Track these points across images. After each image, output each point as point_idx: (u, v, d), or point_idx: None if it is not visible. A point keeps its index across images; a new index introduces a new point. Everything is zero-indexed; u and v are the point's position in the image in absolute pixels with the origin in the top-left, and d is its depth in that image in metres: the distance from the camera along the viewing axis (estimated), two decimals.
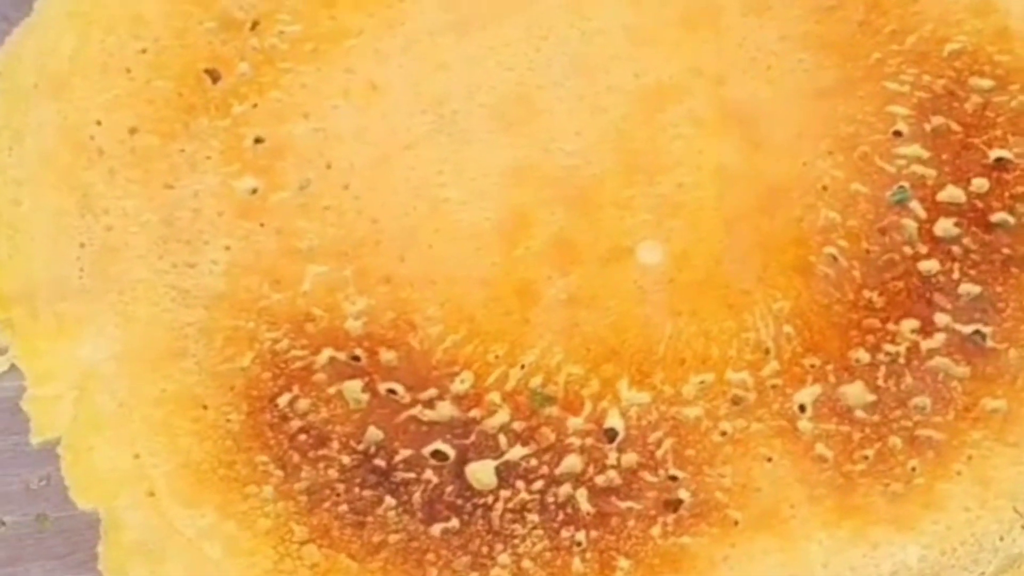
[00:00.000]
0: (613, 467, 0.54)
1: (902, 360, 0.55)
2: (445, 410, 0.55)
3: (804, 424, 0.54)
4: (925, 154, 0.58)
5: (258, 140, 0.59)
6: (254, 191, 0.58)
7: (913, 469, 0.53)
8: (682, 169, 0.58)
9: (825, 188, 0.58)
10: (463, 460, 0.54)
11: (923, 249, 0.57)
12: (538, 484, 0.53)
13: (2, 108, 0.59)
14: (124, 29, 0.61)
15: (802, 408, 0.54)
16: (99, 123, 0.59)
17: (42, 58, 0.60)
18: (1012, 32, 0.60)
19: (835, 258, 0.56)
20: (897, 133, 0.58)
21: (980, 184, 0.58)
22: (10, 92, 0.60)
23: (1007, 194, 0.57)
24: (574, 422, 0.55)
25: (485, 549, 0.52)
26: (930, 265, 0.56)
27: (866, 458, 0.53)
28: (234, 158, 0.59)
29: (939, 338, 0.55)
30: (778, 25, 0.60)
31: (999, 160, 0.58)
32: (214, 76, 0.60)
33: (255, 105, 0.60)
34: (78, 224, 0.58)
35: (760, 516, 0.53)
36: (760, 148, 0.58)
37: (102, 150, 0.59)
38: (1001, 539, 0.52)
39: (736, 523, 0.53)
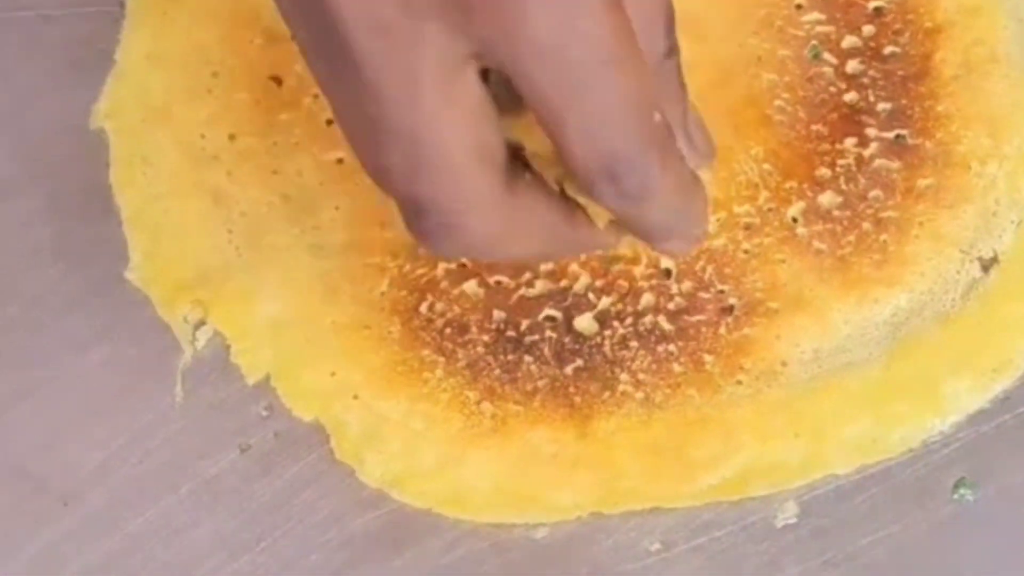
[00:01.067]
0: (677, 294, 0.70)
1: (853, 167, 0.71)
2: (542, 285, 0.70)
3: (800, 230, 0.71)
4: (823, 17, 0.74)
5: (329, 121, 0.72)
6: (340, 160, 0.72)
7: (884, 241, 0.70)
8: None
9: (760, 59, 0.74)
10: (569, 317, 0.70)
11: (843, 86, 0.73)
12: (628, 320, 0.70)
13: (122, 144, 0.72)
14: (195, 59, 0.74)
15: (795, 219, 0.71)
16: (203, 136, 0.72)
17: (139, 97, 0.73)
18: None
19: (783, 108, 0.73)
20: (798, 6, 0.75)
21: (868, 30, 0.74)
22: (123, 131, 0.73)
23: (889, 32, 0.74)
24: (639, 270, 0.71)
25: (608, 374, 0.69)
26: (851, 96, 0.73)
27: (850, 243, 0.70)
28: (317, 138, 0.72)
29: (874, 146, 0.72)
30: None
31: (876, 9, 0.74)
32: (278, 80, 0.74)
33: (317, 96, 0.73)
34: (219, 216, 0.71)
35: (791, 301, 0.70)
36: (706, 40, 0.74)
37: (215, 156, 0.72)
38: (958, 272, 0.70)
39: (776, 311, 0.69)
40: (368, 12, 0.50)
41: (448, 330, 0.69)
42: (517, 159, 0.57)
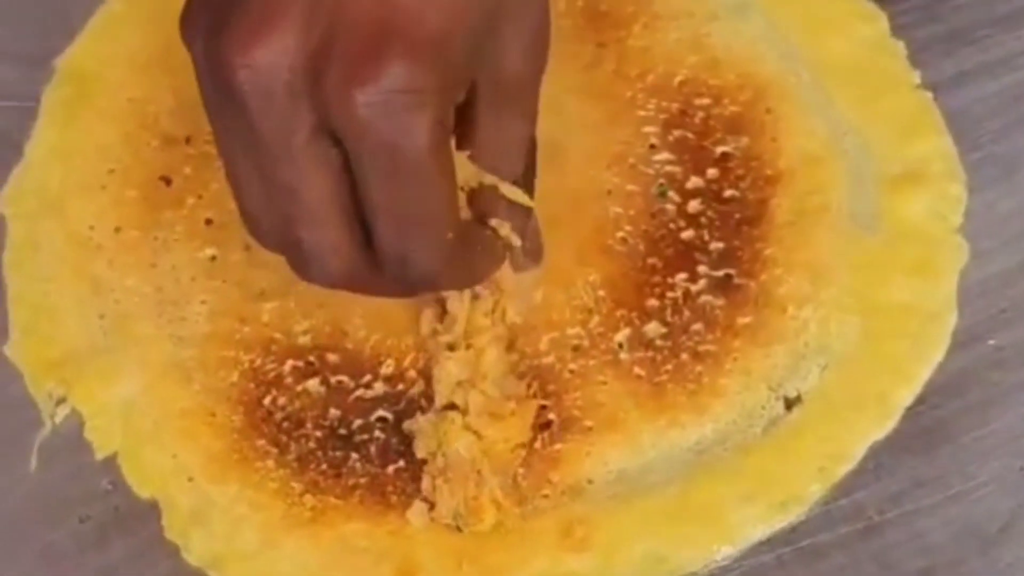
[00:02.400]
0: None
1: (680, 301, 0.77)
2: (379, 388, 0.76)
3: (624, 356, 0.76)
4: (672, 157, 0.80)
5: (208, 221, 0.80)
6: (213, 258, 0.79)
7: (700, 373, 0.75)
8: None
9: (610, 192, 0.80)
10: (399, 419, 0.75)
11: (682, 223, 0.78)
12: None
13: (18, 229, 0.80)
14: (94, 156, 0.81)
15: (620, 345, 0.76)
16: (92, 228, 0.80)
17: (38, 188, 0.81)
18: (720, 61, 0.82)
19: (625, 239, 0.78)
20: (652, 146, 0.80)
21: (713, 173, 0.79)
22: (21, 217, 0.80)
23: (732, 176, 0.79)
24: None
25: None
26: (689, 234, 0.78)
27: (668, 371, 0.75)
28: (194, 236, 0.80)
29: (702, 283, 0.77)
30: (557, 80, 0.79)
31: (723, 154, 0.80)
32: (167, 180, 0.81)
33: (200, 196, 0.80)
34: (94, 302, 0.78)
35: (605, 421, 0.75)
36: (562, 171, 0.80)
37: (100, 246, 0.79)
38: (763, 408, 0.75)
39: (591, 429, 0.75)
40: (261, 84, 0.60)
41: (285, 423, 0.75)
42: None
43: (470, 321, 0.75)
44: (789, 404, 0.75)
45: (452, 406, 0.74)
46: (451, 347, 0.75)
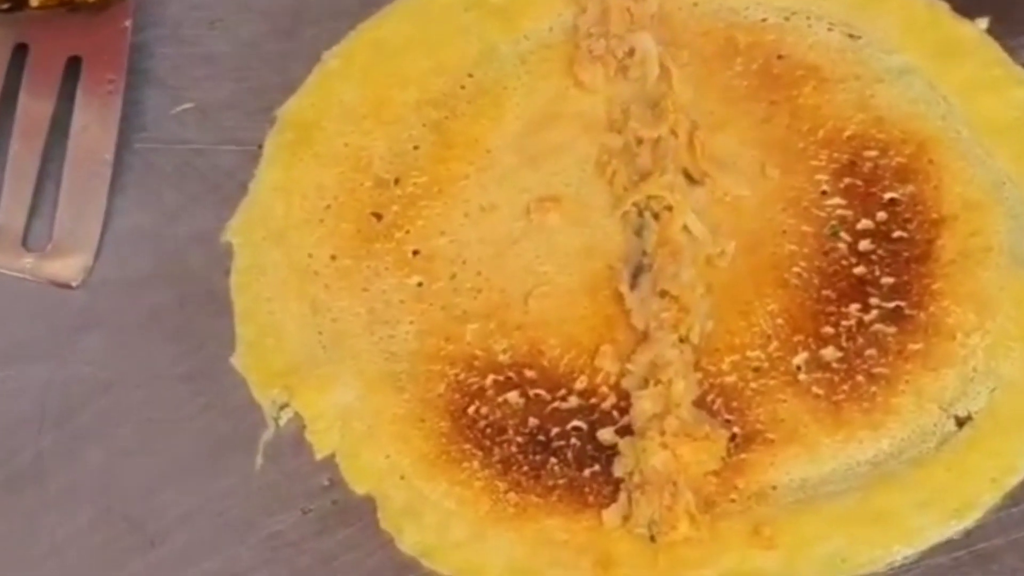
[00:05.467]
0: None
1: (854, 329, 0.82)
2: (574, 401, 0.81)
3: (802, 377, 0.81)
4: (843, 202, 0.85)
5: (415, 252, 0.86)
6: (420, 284, 0.85)
7: (874, 393, 0.80)
8: None
9: (785, 232, 0.85)
10: (593, 429, 0.81)
11: (854, 260, 0.84)
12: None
13: (244, 256, 0.86)
14: (313, 194, 0.88)
15: (799, 368, 0.81)
16: (311, 255, 0.86)
17: (263, 220, 0.87)
18: (884, 119, 0.88)
19: (800, 274, 0.83)
20: (823, 192, 0.86)
21: (882, 216, 0.85)
22: (246, 245, 0.87)
23: (900, 219, 0.85)
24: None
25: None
26: (860, 269, 0.83)
27: (844, 391, 0.80)
28: (402, 265, 0.85)
29: (874, 313, 0.82)
30: (735, 134, 0.88)
31: (891, 199, 0.85)
32: (378, 216, 0.87)
33: (407, 231, 0.86)
34: (313, 320, 0.84)
35: (787, 435, 0.79)
36: (741, 213, 0.86)
37: (317, 272, 0.85)
38: (935, 426, 0.80)
39: (773, 441, 0.79)
40: None
41: (489, 430, 0.80)
42: None
43: (658, 354, 0.81)
44: (960, 422, 0.80)
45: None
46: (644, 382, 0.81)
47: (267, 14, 0.93)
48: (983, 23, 0.91)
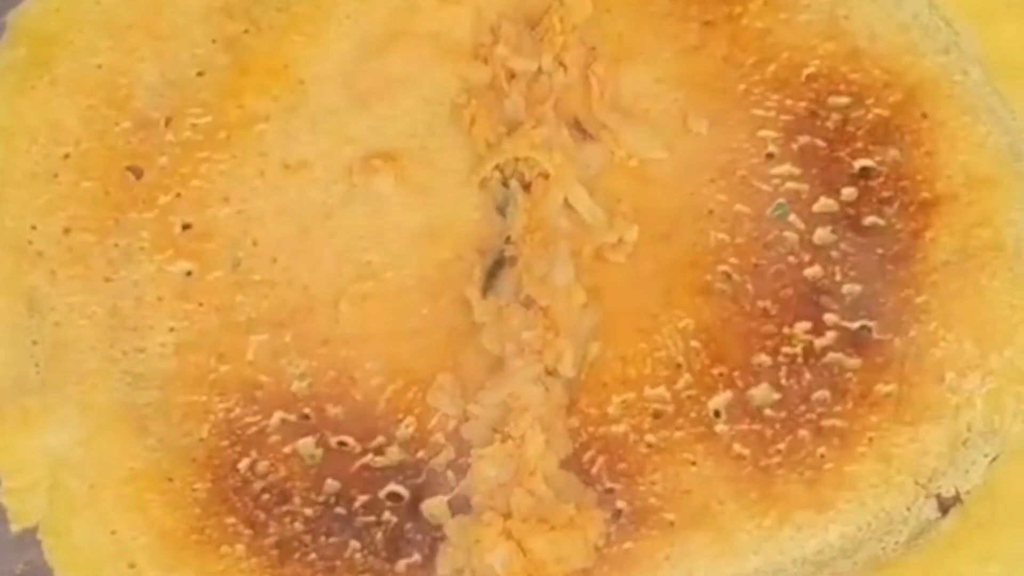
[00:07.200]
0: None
1: (800, 359, 0.63)
2: (394, 455, 0.62)
3: (720, 427, 0.62)
4: (796, 171, 0.66)
5: (186, 226, 0.65)
6: (189, 273, 0.65)
7: (822, 456, 0.61)
8: None
9: (712, 212, 0.65)
10: (417, 498, 0.60)
11: (806, 257, 0.64)
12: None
13: None
14: (46, 137, 0.67)
15: (717, 413, 0.62)
16: (34, 227, 0.65)
17: None
18: (862, 52, 0.68)
19: (729, 275, 0.64)
20: (769, 155, 0.66)
21: (849, 193, 0.65)
22: None
23: (874, 199, 0.65)
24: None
25: None
26: (814, 271, 0.64)
27: (780, 451, 0.61)
28: (166, 245, 0.65)
29: (830, 336, 0.63)
30: (651, 66, 0.67)
31: (864, 169, 0.66)
32: (137, 172, 0.67)
33: (178, 195, 0.66)
34: (28, 324, 0.64)
35: (693, 515, 0.60)
36: (649, 183, 0.65)
37: (41, 252, 0.65)
38: (908, 509, 0.61)
39: (672, 524, 0.60)
40: None
41: (265, 496, 0.61)
42: None
43: (512, 392, 0.60)
44: (944, 506, 0.61)
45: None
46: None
47: None
48: None
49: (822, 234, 0.65)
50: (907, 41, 0.69)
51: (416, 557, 0.60)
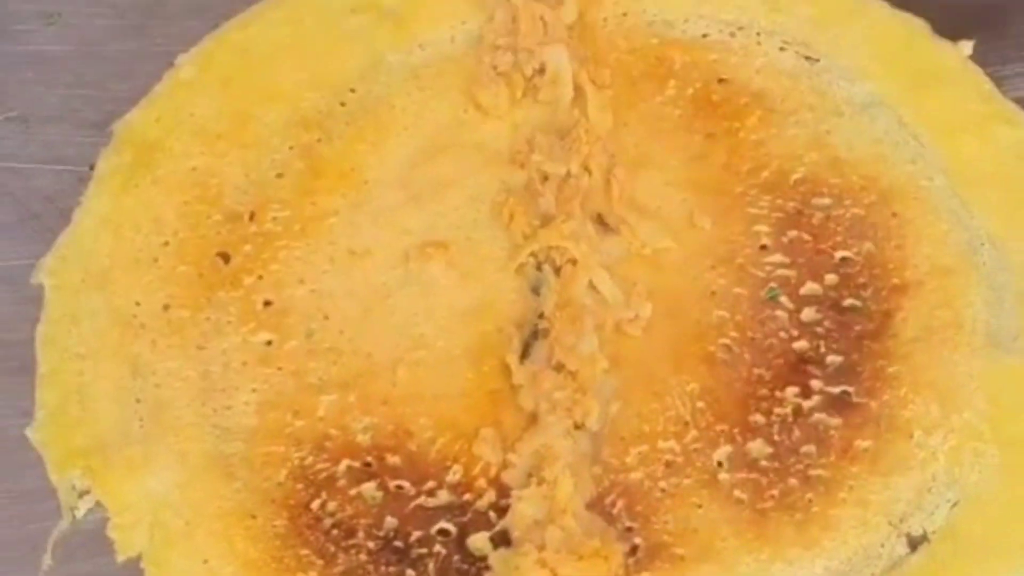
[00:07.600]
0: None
1: (790, 419, 0.70)
2: (444, 497, 0.68)
3: (723, 476, 0.68)
4: (786, 260, 0.73)
5: (267, 303, 0.73)
6: (269, 343, 0.72)
7: (810, 501, 0.68)
8: None
9: (714, 294, 0.73)
10: (463, 534, 0.67)
11: (795, 332, 0.72)
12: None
13: (57, 301, 0.72)
14: (148, 228, 0.74)
15: (719, 464, 0.69)
16: (138, 304, 0.73)
17: (84, 258, 0.74)
18: (842, 161, 0.76)
19: (729, 347, 0.71)
20: (763, 247, 0.74)
21: (831, 279, 0.73)
22: (62, 288, 0.73)
23: (853, 284, 0.73)
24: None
25: None
26: (801, 344, 0.71)
27: (773, 497, 0.68)
28: (250, 319, 0.72)
29: (816, 399, 0.70)
30: (661, 172, 0.76)
31: (843, 259, 0.73)
32: (225, 258, 0.74)
33: (260, 277, 0.73)
34: (132, 385, 0.71)
35: (699, 550, 0.67)
36: (661, 269, 0.73)
37: (144, 325, 0.72)
38: (882, 546, 0.67)
39: (682, 558, 0.66)
40: None
41: (334, 531, 0.67)
42: None
43: (544, 443, 0.68)
44: (913, 543, 0.67)
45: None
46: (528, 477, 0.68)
47: (115, 7, 0.81)
48: (967, 47, 0.79)
49: (808, 313, 0.72)
50: (880, 152, 0.77)
51: None
